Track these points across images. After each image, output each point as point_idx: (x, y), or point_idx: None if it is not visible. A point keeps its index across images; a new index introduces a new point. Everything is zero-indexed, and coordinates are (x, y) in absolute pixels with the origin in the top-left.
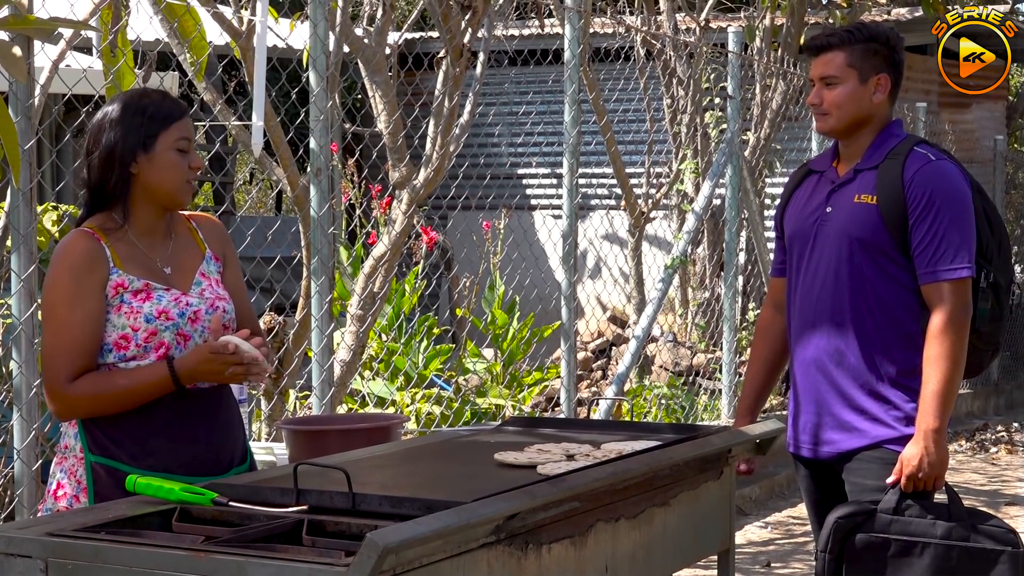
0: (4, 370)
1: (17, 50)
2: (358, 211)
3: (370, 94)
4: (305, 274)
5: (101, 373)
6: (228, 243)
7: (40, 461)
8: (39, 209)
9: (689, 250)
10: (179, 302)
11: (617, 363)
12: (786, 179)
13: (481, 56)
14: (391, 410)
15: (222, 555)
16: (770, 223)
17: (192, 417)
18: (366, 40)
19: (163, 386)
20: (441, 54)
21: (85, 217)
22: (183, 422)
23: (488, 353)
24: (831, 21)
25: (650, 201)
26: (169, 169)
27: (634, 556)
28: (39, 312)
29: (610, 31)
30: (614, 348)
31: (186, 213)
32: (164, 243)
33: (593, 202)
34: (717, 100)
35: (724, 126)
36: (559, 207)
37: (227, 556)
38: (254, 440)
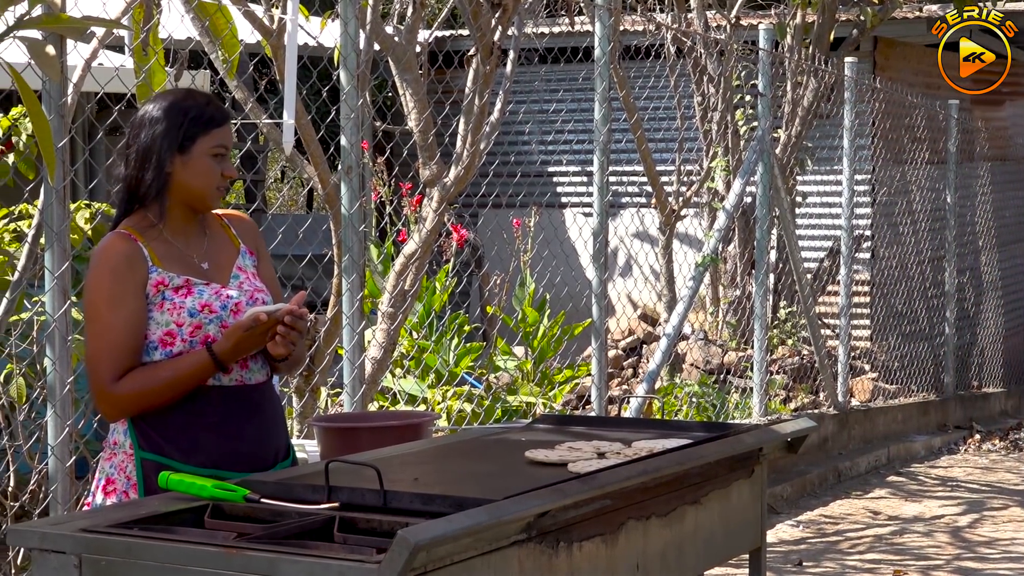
0: (38, 367)
1: (50, 49)
2: (388, 209)
3: (400, 92)
4: (336, 272)
5: (144, 369)
6: (260, 238)
7: (74, 458)
8: (72, 207)
9: (720, 248)
10: (220, 295)
11: (648, 361)
12: (818, 176)
13: (511, 54)
14: (422, 408)
15: (254, 552)
16: (801, 220)
17: (240, 414)
18: (396, 38)
19: (206, 369)
20: (471, 52)
21: (120, 218)
22: (231, 419)
23: (519, 351)
24: (862, 18)
25: (681, 199)
26: (202, 175)
27: (665, 554)
28: (72, 310)
29: (640, 29)
30: (645, 346)
31: (217, 211)
32: (199, 240)
33: (624, 200)
34: (748, 98)
35: (755, 124)
36: (590, 205)
37: (259, 553)
38: None
